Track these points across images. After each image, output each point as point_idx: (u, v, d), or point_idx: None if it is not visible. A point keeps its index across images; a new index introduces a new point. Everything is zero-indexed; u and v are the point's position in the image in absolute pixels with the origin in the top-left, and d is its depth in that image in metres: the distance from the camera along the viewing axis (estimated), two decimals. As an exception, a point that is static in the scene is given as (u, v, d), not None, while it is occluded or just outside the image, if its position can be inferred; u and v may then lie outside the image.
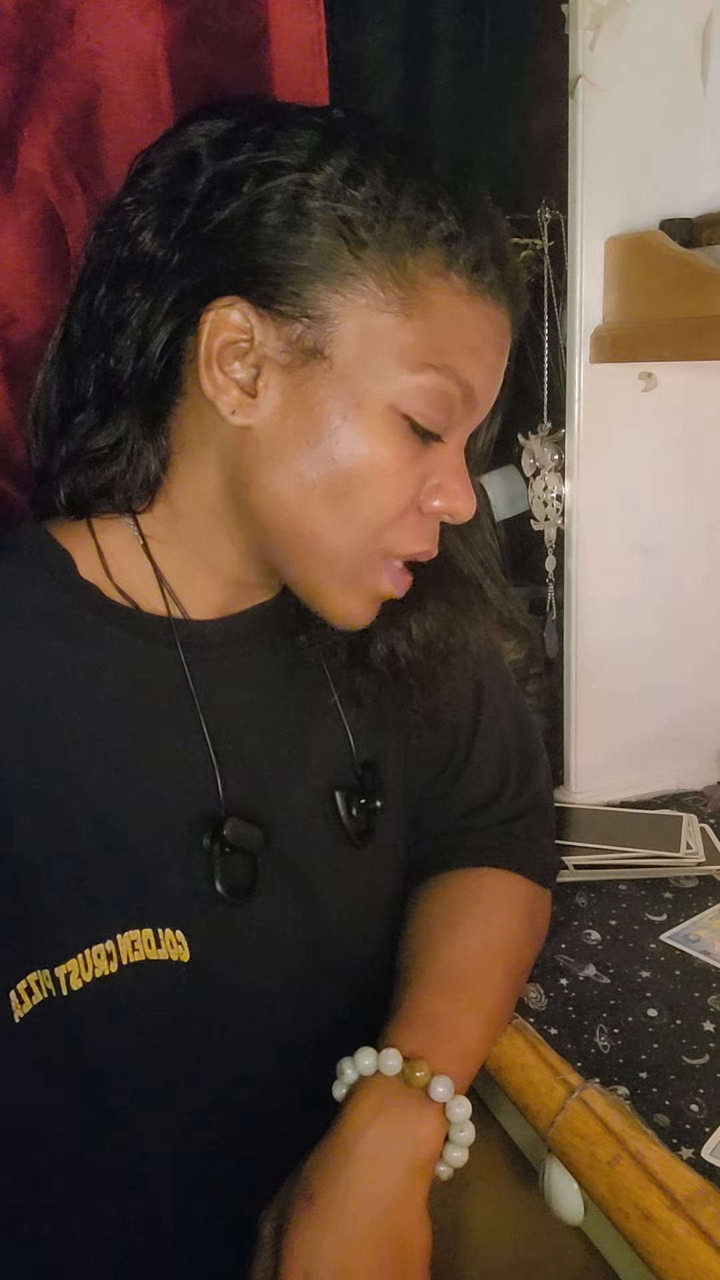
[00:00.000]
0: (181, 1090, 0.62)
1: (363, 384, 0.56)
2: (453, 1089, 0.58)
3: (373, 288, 0.55)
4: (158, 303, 0.56)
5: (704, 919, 0.82)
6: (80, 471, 0.60)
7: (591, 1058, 0.67)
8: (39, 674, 0.58)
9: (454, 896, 0.72)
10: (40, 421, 0.63)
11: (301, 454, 0.56)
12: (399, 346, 0.56)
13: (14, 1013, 0.57)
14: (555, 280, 0.95)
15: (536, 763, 0.80)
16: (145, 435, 0.59)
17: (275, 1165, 0.58)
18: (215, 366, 0.56)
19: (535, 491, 0.98)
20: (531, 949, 0.74)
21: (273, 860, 0.64)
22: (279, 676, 0.68)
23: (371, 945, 0.71)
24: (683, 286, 0.80)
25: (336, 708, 0.69)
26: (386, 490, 0.57)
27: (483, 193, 0.59)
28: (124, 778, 0.60)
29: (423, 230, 0.55)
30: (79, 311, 0.60)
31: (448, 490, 0.60)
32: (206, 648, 0.64)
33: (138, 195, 0.58)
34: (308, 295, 0.55)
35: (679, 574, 1.00)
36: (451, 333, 0.57)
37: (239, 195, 0.54)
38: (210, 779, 0.62)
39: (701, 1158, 0.58)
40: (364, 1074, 0.59)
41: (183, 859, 0.61)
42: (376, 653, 0.67)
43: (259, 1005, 0.65)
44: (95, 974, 0.58)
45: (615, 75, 0.84)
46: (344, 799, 0.68)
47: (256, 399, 0.56)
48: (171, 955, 0.60)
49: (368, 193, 0.55)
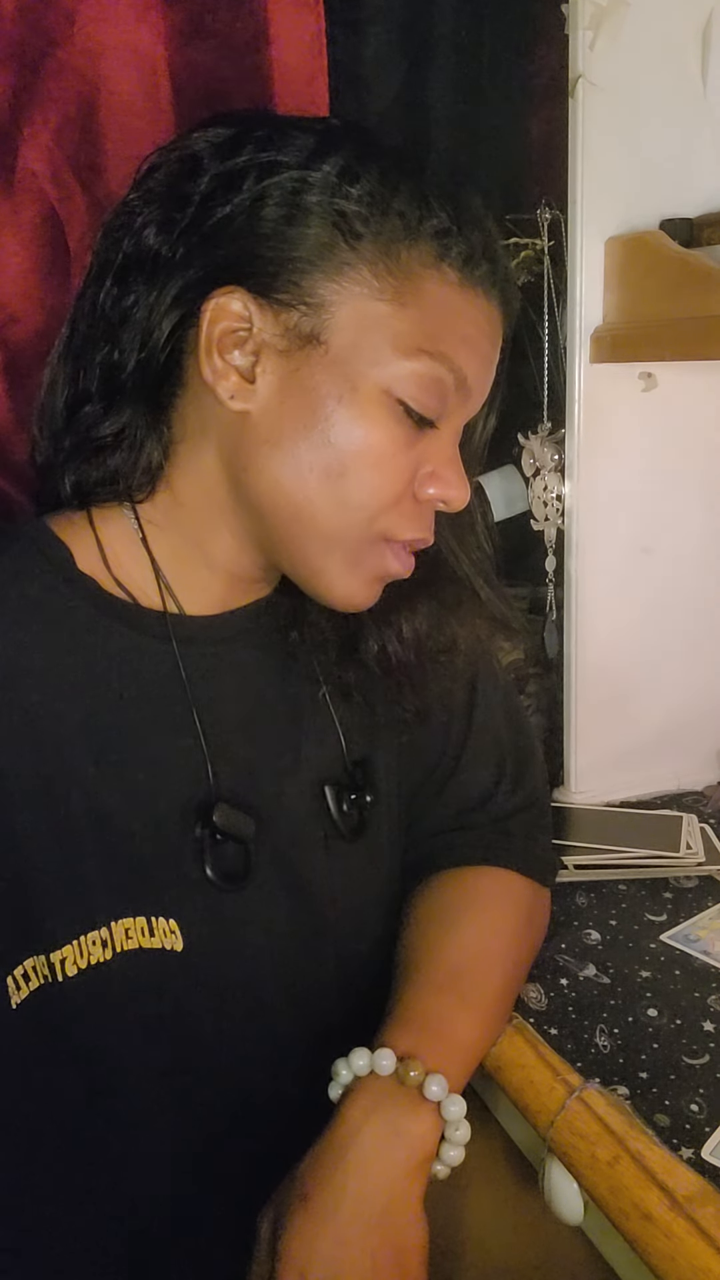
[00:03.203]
0: (177, 1078, 0.63)
1: (358, 368, 0.57)
2: (447, 1087, 0.58)
3: (368, 277, 0.57)
4: (161, 295, 0.58)
5: (704, 919, 0.82)
6: (84, 460, 0.62)
7: (591, 1058, 0.66)
8: (37, 665, 0.59)
9: (451, 895, 0.72)
10: (46, 417, 0.64)
11: (298, 437, 0.58)
12: (393, 333, 0.57)
13: (11, 998, 0.57)
14: (555, 280, 0.95)
15: (531, 761, 0.81)
16: (148, 425, 0.61)
17: (274, 1154, 0.59)
18: (215, 353, 0.58)
19: (535, 491, 0.98)
20: (530, 947, 0.74)
21: (265, 852, 0.65)
22: (272, 672, 0.69)
23: (366, 941, 0.71)
24: (683, 286, 0.81)
25: (327, 704, 0.70)
26: (381, 473, 0.59)
27: (474, 195, 0.62)
28: (119, 768, 0.60)
29: (416, 224, 0.58)
30: (84, 308, 0.62)
31: (441, 478, 0.62)
32: (201, 642, 0.64)
33: (142, 195, 0.60)
34: (305, 284, 0.57)
35: (679, 574, 1.00)
36: (444, 321, 0.59)
37: (240, 192, 0.57)
38: (202, 770, 0.63)
39: (701, 1158, 0.58)
40: (359, 1074, 0.59)
41: (175, 847, 0.62)
42: (367, 650, 0.69)
43: (253, 997, 0.65)
44: (90, 960, 0.58)
45: (615, 75, 0.84)
46: (334, 793, 0.69)
47: (255, 384, 0.58)
48: (165, 944, 0.61)
49: (363, 190, 0.57)
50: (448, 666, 0.72)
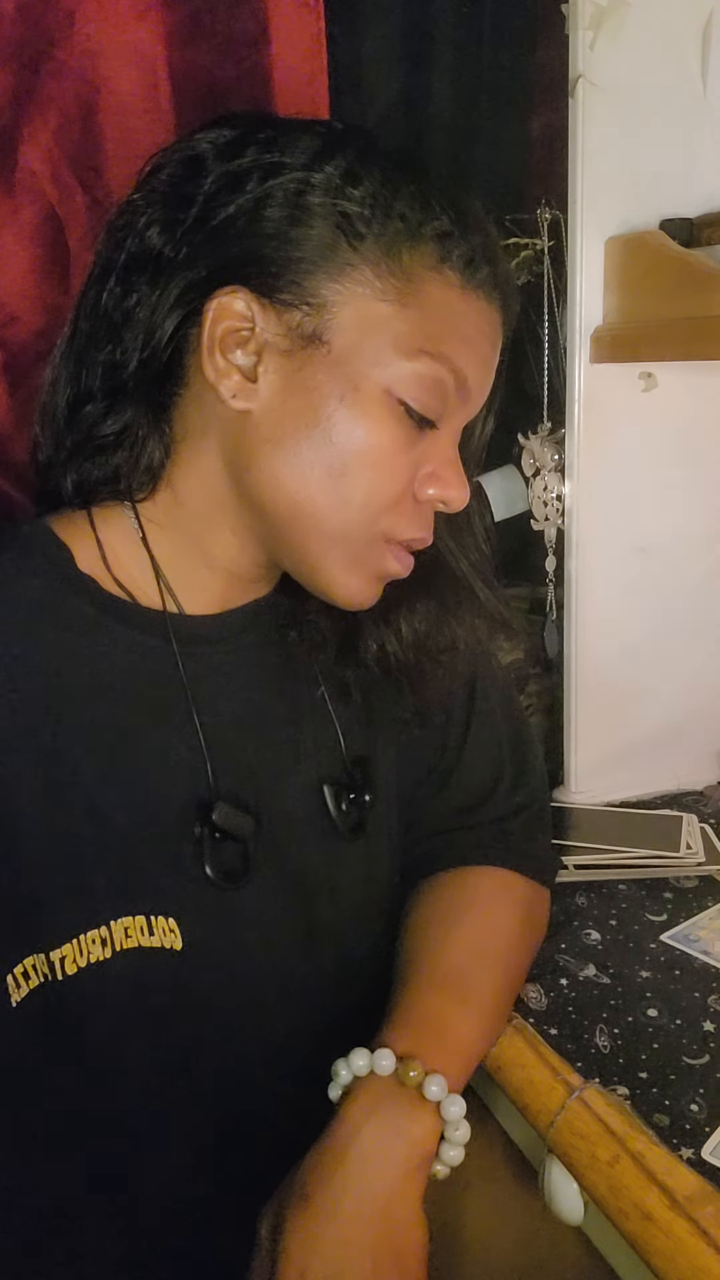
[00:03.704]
0: (178, 1077, 0.63)
1: (360, 369, 0.58)
2: (446, 1088, 0.58)
3: (370, 278, 0.57)
4: (164, 295, 0.59)
5: (704, 919, 0.82)
6: (86, 459, 0.63)
7: (591, 1058, 0.66)
8: (37, 665, 0.59)
9: (451, 895, 0.72)
10: (47, 416, 0.65)
11: (300, 436, 0.58)
12: (395, 334, 0.58)
13: (11, 996, 0.57)
14: (555, 280, 0.95)
15: (531, 761, 0.81)
16: (149, 424, 0.61)
17: (274, 1154, 0.59)
18: (217, 352, 0.58)
19: (535, 491, 0.98)
20: (530, 947, 0.74)
21: (264, 851, 0.65)
22: (272, 672, 0.69)
23: (366, 940, 0.71)
24: (683, 286, 0.81)
25: (326, 703, 0.70)
26: (382, 472, 0.59)
27: (475, 198, 0.62)
28: (119, 767, 0.61)
29: (418, 227, 0.58)
30: (87, 308, 0.63)
31: (441, 478, 0.62)
32: (201, 642, 0.65)
33: (146, 194, 0.61)
34: (308, 284, 0.57)
35: (678, 574, 1.00)
36: (445, 323, 0.59)
37: (243, 193, 0.57)
38: (202, 770, 0.63)
39: (701, 1158, 0.58)
40: (358, 1074, 0.59)
41: (174, 846, 0.62)
42: (366, 649, 0.69)
43: (252, 997, 0.65)
44: (90, 959, 0.58)
45: (615, 75, 0.84)
46: (333, 793, 0.69)
47: (256, 384, 0.58)
48: (164, 943, 0.61)
49: (365, 191, 0.57)
50: (447, 666, 0.72)
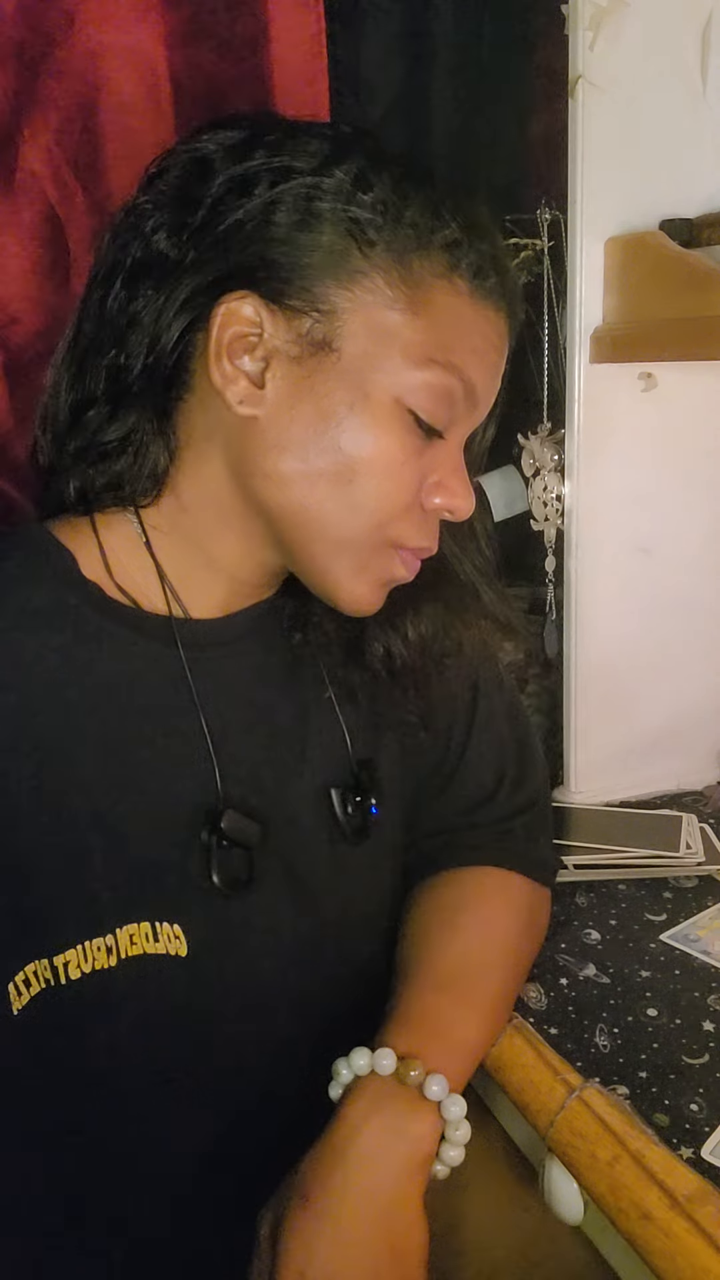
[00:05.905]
0: (181, 1083, 0.63)
1: (370, 377, 0.57)
2: (447, 1087, 0.58)
3: (380, 285, 0.57)
4: (170, 299, 0.58)
5: (704, 919, 0.82)
6: (89, 465, 0.62)
7: (591, 1057, 0.66)
8: (42, 671, 0.59)
9: (452, 896, 0.72)
10: (49, 420, 0.64)
11: (308, 442, 0.58)
12: (405, 342, 0.57)
13: (12, 1005, 0.57)
14: (555, 280, 0.95)
15: (533, 762, 0.80)
16: (154, 429, 0.61)
17: (274, 1154, 0.59)
18: (225, 358, 0.57)
19: (535, 491, 0.98)
20: (530, 948, 0.74)
21: (270, 856, 0.65)
22: (277, 675, 0.68)
23: (369, 944, 0.71)
24: (683, 286, 0.81)
25: (333, 707, 0.70)
26: (390, 481, 0.59)
27: (482, 205, 0.62)
28: (124, 773, 0.60)
29: (428, 235, 0.58)
30: (91, 310, 0.62)
31: (448, 487, 0.62)
32: (206, 646, 0.64)
33: (152, 197, 0.60)
34: (318, 291, 0.57)
35: (679, 574, 1.00)
36: (454, 332, 0.59)
37: (252, 197, 0.57)
38: (209, 775, 0.62)
39: (701, 1157, 0.58)
40: (359, 1074, 0.59)
41: (181, 853, 0.61)
42: (372, 652, 0.69)
43: (257, 1002, 0.65)
44: (94, 965, 0.58)
45: (615, 75, 0.84)
46: (340, 797, 0.69)
47: (264, 390, 0.58)
48: (169, 950, 0.61)
49: (376, 198, 0.57)
50: (451, 669, 0.72)
